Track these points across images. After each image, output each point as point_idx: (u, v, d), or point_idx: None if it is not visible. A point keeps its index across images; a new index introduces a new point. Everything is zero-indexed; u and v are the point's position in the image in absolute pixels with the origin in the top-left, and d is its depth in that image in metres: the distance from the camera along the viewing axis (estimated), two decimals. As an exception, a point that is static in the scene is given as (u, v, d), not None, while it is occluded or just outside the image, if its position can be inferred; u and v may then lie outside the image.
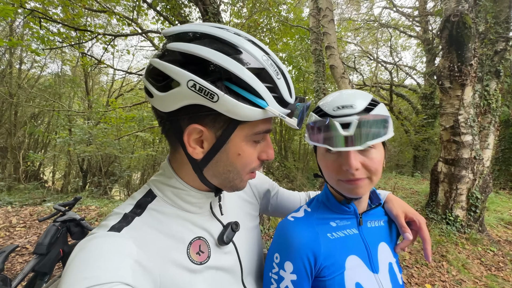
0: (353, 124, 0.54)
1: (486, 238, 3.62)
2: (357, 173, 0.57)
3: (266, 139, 0.54)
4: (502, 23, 3.99)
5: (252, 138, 0.50)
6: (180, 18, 3.62)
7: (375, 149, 0.59)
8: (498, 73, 3.95)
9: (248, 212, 0.73)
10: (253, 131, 0.49)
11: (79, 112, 9.35)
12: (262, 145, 0.53)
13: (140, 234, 0.47)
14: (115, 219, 0.49)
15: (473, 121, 3.53)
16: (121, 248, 0.43)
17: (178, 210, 0.55)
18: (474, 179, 3.60)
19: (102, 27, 4.84)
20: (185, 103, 0.44)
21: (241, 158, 0.50)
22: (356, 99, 0.57)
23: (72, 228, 1.86)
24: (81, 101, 11.68)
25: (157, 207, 0.53)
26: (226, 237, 0.57)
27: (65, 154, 10.34)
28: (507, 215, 4.81)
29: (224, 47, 0.43)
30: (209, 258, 0.54)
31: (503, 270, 3.05)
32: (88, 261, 0.39)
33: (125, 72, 7.76)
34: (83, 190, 8.54)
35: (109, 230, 0.46)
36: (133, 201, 0.54)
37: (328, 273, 0.60)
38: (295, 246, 0.60)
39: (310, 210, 0.69)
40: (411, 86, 13.11)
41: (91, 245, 0.42)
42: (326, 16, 4.90)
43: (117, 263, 0.40)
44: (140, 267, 0.42)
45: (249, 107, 0.43)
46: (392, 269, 0.66)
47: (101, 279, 0.36)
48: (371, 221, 0.70)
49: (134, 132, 8.63)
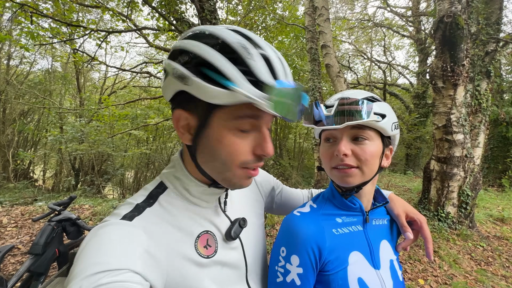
0: (334, 106, 0.60)
1: (476, 234, 3.73)
2: (346, 159, 0.60)
3: (260, 131, 0.50)
4: (493, 25, 4.09)
5: (235, 125, 0.47)
6: (176, 15, 3.57)
7: (368, 141, 0.61)
8: (489, 74, 4.05)
9: (254, 210, 0.74)
10: (232, 116, 0.47)
11: (71, 110, 9.15)
12: (256, 138, 0.50)
13: (150, 225, 0.48)
14: (127, 209, 0.50)
15: (465, 120, 3.62)
16: (132, 236, 0.44)
17: (187, 203, 0.56)
18: (465, 176, 3.70)
19: (95, 23, 4.74)
20: (174, 90, 0.48)
21: (224, 146, 0.48)
22: (354, 94, 0.63)
23: (68, 228, 1.83)
24: (72, 99, 11.44)
25: (167, 198, 0.55)
26: (233, 233, 0.58)
27: (56, 152, 10.13)
28: (495, 211, 4.96)
29: (206, 39, 0.46)
30: (216, 252, 0.55)
31: (492, 264, 3.15)
32: (100, 247, 0.40)
33: (118, 69, 7.62)
34: (76, 189, 8.40)
35: (121, 219, 0.47)
36: (145, 192, 0.55)
37: (332, 267, 0.61)
38: (301, 239, 0.61)
39: (316, 206, 0.70)
40: (404, 85, 13.32)
41: (103, 232, 0.43)
42: (322, 15, 4.92)
43: (128, 251, 0.41)
44: (149, 256, 0.43)
45: (215, 88, 0.43)
46: (393, 266, 0.68)
47: (112, 265, 0.38)
48: (376, 219, 0.72)
49: (127, 130, 8.50)
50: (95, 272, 0.36)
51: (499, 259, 3.27)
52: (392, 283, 0.64)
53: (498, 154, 7.52)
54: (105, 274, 0.36)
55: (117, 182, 10.70)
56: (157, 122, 7.80)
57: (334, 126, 0.60)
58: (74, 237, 1.85)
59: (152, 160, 10.49)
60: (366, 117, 0.59)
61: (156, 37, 4.92)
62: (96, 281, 0.36)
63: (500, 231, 4.10)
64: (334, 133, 0.64)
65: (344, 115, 0.59)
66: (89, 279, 0.36)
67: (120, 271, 0.38)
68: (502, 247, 3.58)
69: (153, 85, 11.05)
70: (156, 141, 10.81)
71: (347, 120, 0.59)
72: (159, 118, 8.41)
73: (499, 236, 3.90)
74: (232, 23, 7.16)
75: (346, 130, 0.62)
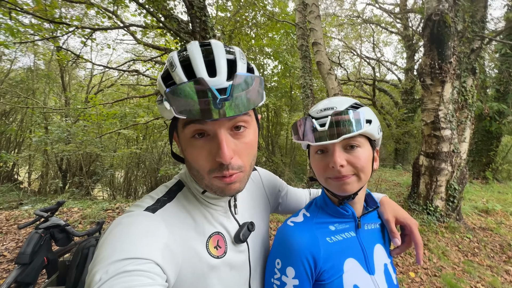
0: (328, 121, 0.60)
1: (463, 226, 3.87)
2: (342, 170, 0.60)
3: (214, 136, 0.47)
4: (478, 22, 4.19)
5: (187, 134, 0.48)
6: (164, 12, 3.48)
7: (360, 148, 0.62)
8: (474, 70, 4.17)
9: (261, 213, 0.74)
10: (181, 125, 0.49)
11: (56, 109, 8.83)
12: (212, 144, 0.48)
13: (170, 219, 0.51)
14: (149, 202, 0.53)
15: (452, 116, 3.72)
16: (155, 229, 0.46)
17: (199, 203, 0.58)
18: (453, 171, 3.81)
19: (79, 20, 4.56)
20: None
21: (188, 155, 0.50)
22: (339, 103, 0.63)
23: (56, 235, 1.76)
24: (57, 98, 11.04)
25: (184, 196, 0.58)
26: (242, 236, 0.59)
27: (41, 153, 9.78)
28: (480, 203, 5.15)
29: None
30: (225, 253, 0.56)
31: (478, 255, 3.28)
32: (126, 235, 0.42)
33: (105, 67, 7.40)
34: (63, 191, 8.15)
35: (144, 210, 0.50)
36: (165, 188, 0.59)
37: (328, 276, 0.61)
38: (296, 250, 0.61)
39: (309, 215, 0.70)
40: (393, 81, 13.55)
41: (129, 221, 0.45)
42: (313, 12, 4.91)
43: (151, 243, 0.43)
44: (168, 250, 0.45)
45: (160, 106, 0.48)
46: (387, 269, 0.69)
47: (138, 254, 0.39)
48: (368, 224, 0.72)
49: (116, 130, 8.30)
50: (121, 258, 0.38)
51: (485, 250, 3.40)
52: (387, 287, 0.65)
53: (482, 148, 7.80)
54: (130, 262, 0.38)
55: (107, 183, 10.46)
56: (146, 121, 7.65)
57: (332, 141, 0.59)
58: (63, 244, 1.79)
59: (142, 160, 10.30)
60: (361, 127, 0.60)
61: (144, 34, 4.80)
62: (122, 267, 0.37)
63: (485, 222, 4.26)
64: (326, 144, 0.63)
65: (338, 128, 0.59)
66: (116, 265, 0.37)
67: (144, 261, 0.39)
68: (487, 238, 3.72)
69: (142, 83, 10.80)
70: (146, 140, 10.61)
71: (343, 132, 0.59)
72: (149, 117, 8.25)
73: (484, 227, 4.05)
74: (222, 19, 7.05)
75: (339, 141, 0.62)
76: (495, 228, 4.01)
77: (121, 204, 4.79)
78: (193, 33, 3.59)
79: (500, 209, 4.83)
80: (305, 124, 0.64)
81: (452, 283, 2.66)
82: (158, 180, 9.80)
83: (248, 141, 0.52)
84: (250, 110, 0.52)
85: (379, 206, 0.72)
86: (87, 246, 1.50)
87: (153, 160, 10.25)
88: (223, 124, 0.47)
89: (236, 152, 0.49)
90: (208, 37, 3.55)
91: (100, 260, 0.38)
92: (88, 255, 1.46)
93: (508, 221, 4.40)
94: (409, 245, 0.73)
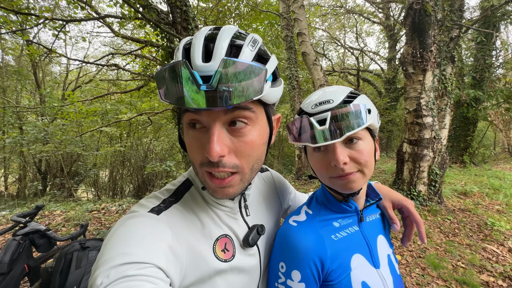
0: (327, 119, 0.55)
1: (444, 209, 4.06)
2: (346, 167, 0.56)
3: (207, 130, 0.44)
4: (456, 11, 4.31)
5: (185, 122, 0.47)
6: (142, 1, 3.30)
7: (362, 141, 0.58)
8: (453, 59, 4.30)
9: (273, 216, 0.72)
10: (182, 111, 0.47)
11: (30, 108, 8.34)
12: (205, 138, 0.44)
13: (175, 221, 0.49)
14: (154, 202, 0.51)
15: (433, 104, 3.84)
16: (159, 231, 0.45)
17: (207, 204, 0.56)
18: (434, 157, 3.96)
19: (49, 11, 4.25)
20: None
21: (186, 144, 0.49)
22: (335, 94, 0.58)
23: (37, 240, 1.67)
24: (31, 95, 10.41)
25: (191, 197, 0.56)
26: (251, 240, 0.57)
27: (17, 155, 9.25)
28: (459, 186, 5.43)
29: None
30: (233, 257, 0.54)
31: (458, 235, 3.47)
32: (128, 238, 0.41)
33: (81, 61, 7.00)
34: (44, 193, 7.79)
35: (149, 211, 0.48)
36: (172, 187, 0.57)
37: (336, 276, 0.59)
38: (301, 253, 0.57)
39: (312, 212, 0.67)
40: (376, 71, 13.81)
41: (132, 223, 0.44)
42: (297, 1, 4.85)
43: (154, 246, 0.42)
44: (172, 253, 0.43)
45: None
46: (391, 260, 0.68)
47: (139, 258, 0.38)
48: (369, 215, 0.71)
49: (98, 128, 7.97)
50: (122, 262, 0.37)
51: (464, 230, 3.60)
52: (392, 279, 0.64)
53: (460, 133, 8.17)
54: (131, 266, 0.37)
55: (90, 183, 10.11)
56: (130, 117, 7.39)
57: (334, 140, 0.54)
58: (45, 250, 1.70)
59: (127, 157, 10.00)
60: (364, 120, 0.55)
61: (121, 26, 4.56)
62: (123, 271, 0.36)
63: (463, 204, 4.50)
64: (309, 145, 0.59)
65: (340, 124, 0.54)
66: (117, 269, 0.36)
67: (146, 265, 0.38)
68: (466, 218, 3.94)
69: (123, 78, 10.36)
70: (130, 137, 10.27)
71: (345, 129, 0.54)
72: (132, 113, 7.97)
73: (463, 208, 4.28)
74: (204, 10, 6.83)
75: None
76: (473, 209, 4.24)
77: (107, 205, 4.64)
78: (174, 24, 3.45)
79: (477, 191, 5.11)
80: (301, 123, 0.58)
81: (435, 263, 2.80)
82: (145, 178, 9.59)
83: (249, 140, 0.46)
84: (257, 106, 0.47)
85: (381, 198, 0.70)
86: (70, 251, 1.43)
87: (139, 158, 9.99)
88: (217, 117, 0.43)
89: (231, 149, 0.45)
90: (190, 28, 3.42)
91: (102, 263, 0.38)
92: (72, 260, 1.39)
93: (484, 202, 4.67)
94: (412, 227, 0.72)
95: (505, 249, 3.12)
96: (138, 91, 7.40)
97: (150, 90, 7.22)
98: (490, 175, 6.52)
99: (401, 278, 0.70)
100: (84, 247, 1.47)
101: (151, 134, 10.39)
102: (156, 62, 6.33)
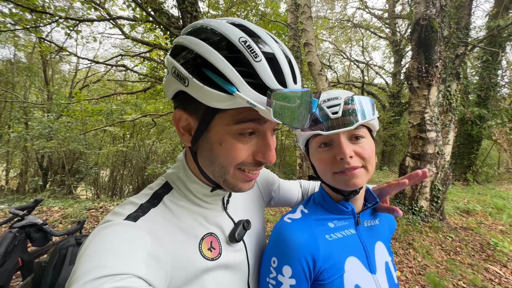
0: (340, 106, 0.57)
1: (446, 226, 3.99)
2: (351, 161, 0.58)
3: (264, 136, 0.48)
4: (462, 29, 4.35)
5: (237, 130, 0.45)
6: (154, 5, 3.39)
7: (365, 139, 0.61)
8: (458, 75, 4.31)
9: (256, 211, 0.73)
10: (234, 120, 0.45)
11: (37, 104, 8.44)
12: (259, 143, 0.48)
13: (155, 226, 0.47)
14: (131, 208, 0.49)
15: (437, 119, 3.83)
16: (137, 239, 0.43)
17: (191, 204, 0.56)
18: (437, 172, 3.92)
19: (64, 11, 4.37)
20: (174, 89, 0.47)
21: (223, 149, 0.47)
22: (337, 94, 0.61)
23: (33, 234, 1.66)
24: (39, 92, 10.57)
25: (172, 199, 0.54)
26: (237, 235, 0.57)
27: (20, 150, 9.32)
28: (462, 204, 5.34)
29: (207, 35, 0.44)
30: (220, 255, 0.54)
31: (460, 254, 3.38)
32: (103, 250, 0.39)
33: (90, 61, 7.14)
34: (44, 189, 7.79)
35: (125, 219, 0.46)
36: (149, 191, 0.54)
37: (328, 276, 0.59)
38: (294, 249, 0.58)
39: (307, 212, 0.68)
40: (380, 84, 13.89)
41: (106, 232, 0.42)
42: (305, 12, 4.93)
43: (132, 255, 0.40)
44: (154, 259, 0.42)
45: (214, 91, 0.41)
46: (389, 268, 0.67)
47: (115, 270, 0.36)
48: (368, 220, 0.70)
49: (102, 127, 8.03)
50: (97, 276, 0.35)
51: (466, 249, 3.51)
52: (388, 287, 0.63)
53: (464, 151, 8.11)
54: (108, 279, 0.35)
55: (90, 182, 10.11)
56: (134, 118, 7.45)
57: (347, 128, 0.57)
58: (40, 244, 1.69)
59: (129, 158, 10.02)
60: (373, 114, 0.59)
61: (132, 28, 4.65)
62: (99, 285, 0.34)
63: (466, 222, 4.42)
64: (331, 136, 0.60)
65: (351, 114, 0.57)
66: (92, 284, 0.34)
67: (123, 276, 0.36)
68: (468, 237, 3.85)
69: (130, 79, 10.51)
70: (133, 138, 10.33)
71: (357, 118, 0.57)
72: (137, 114, 8.04)
73: (465, 227, 4.20)
74: (213, 17, 6.98)
75: (344, 131, 0.59)
76: (475, 227, 4.15)
77: (105, 204, 4.63)
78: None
79: (480, 210, 5.02)
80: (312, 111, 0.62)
81: (435, 281, 2.72)
82: (145, 179, 9.57)
83: (275, 141, 0.53)
84: None
85: (378, 201, 0.70)
86: (65, 246, 1.42)
87: (140, 159, 10.00)
88: (272, 126, 0.49)
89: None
90: (199, 33, 3.49)
91: (76, 279, 0.35)
92: (66, 256, 1.38)
93: (487, 221, 4.58)
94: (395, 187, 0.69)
95: (508, 271, 3.03)
96: (144, 92, 7.49)
97: (156, 92, 7.30)
98: (493, 195, 6.41)
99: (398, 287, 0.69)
100: (79, 243, 1.45)
101: (154, 136, 10.44)
102: (163, 65, 6.43)
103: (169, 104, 8.61)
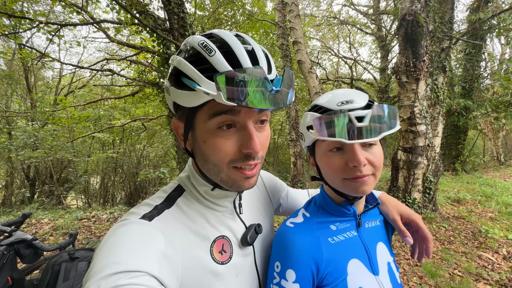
0: (367, 116, 0.54)
1: (439, 216, 4.08)
2: (364, 169, 0.57)
3: (245, 127, 0.48)
4: (446, 23, 4.45)
5: (213, 124, 0.47)
6: (139, 7, 3.30)
7: (376, 145, 0.59)
8: (444, 68, 4.42)
9: (266, 215, 0.73)
10: (208, 115, 0.47)
11: (20, 113, 8.15)
12: (241, 136, 0.48)
13: (168, 227, 0.49)
14: (146, 209, 0.50)
15: (426, 112, 3.90)
16: (151, 238, 0.44)
17: (203, 207, 0.57)
18: (428, 164, 4.00)
19: (44, 15, 4.20)
20: (169, 102, 0.53)
21: (207, 146, 0.48)
22: (355, 96, 0.59)
23: (22, 251, 1.58)
24: (22, 100, 10.19)
25: (185, 201, 0.56)
26: (250, 238, 0.58)
27: (4, 161, 8.97)
28: (452, 193, 5.49)
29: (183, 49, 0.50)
30: (231, 258, 0.55)
31: (454, 243, 3.47)
32: (119, 246, 0.40)
33: (75, 66, 6.93)
34: (32, 201, 7.52)
35: (140, 218, 0.48)
36: (163, 194, 0.56)
37: (331, 280, 0.58)
38: (297, 253, 0.57)
39: (309, 215, 0.67)
40: (368, 80, 14.10)
41: (123, 230, 0.44)
42: (292, 11, 4.93)
43: (147, 253, 0.41)
44: (166, 259, 0.43)
45: (185, 92, 0.45)
46: (391, 268, 0.66)
47: (131, 266, 0.37)
48: (369, 221, 0.70)
49: (90, 133, 7.83)
50: (113, 272, 0.36)
51: (459, 237, 3.61)
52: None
53: (452, 142, 8.33)
54: (123, 275, 0.36)
55: (81, 190, 9.84)
56: (123, 123, 7.29)
57: (372, 138, 0.54)
58: (31, 261, 1.61)
59: (120, 164, 9.80)
60: (396, 124, 0.57)
61: (117, 31, 4.54)
62: (115, 281, 0.35)
63: (457, 211, 4.54)
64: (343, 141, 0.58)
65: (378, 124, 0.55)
66: (108, 279, 0.36)
67: (137, 273, 0.37)
68: (460, 226, 3.96)
69: (117, 84, 10.27)
70: (123, 143, 10.11)
71: (383, 129, 0.55)
72: (126, 119, 7.87)
73: (457, 216, 4.31)
74: (200, 17, 6.90)
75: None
76: (466, 216, 4.27)
77: (98, 212, 4.50)
78: (171, 30, 3.45)
79: (470, 198, 5.17)
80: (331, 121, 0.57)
81: (432, 271, 2.78)
82: (137, 185, 9.39)
83: (267, 134, 0.53)
84: None
85: (379, 203, 0.70)
86: (58, 262, 1.36)
87: (132, 164, 9.80)
88: (252, 116, 0.48)
89: (259, 144, 0.50)
90: (186, 34, 3.43)
91: (93, 274, 0.37)
92: (60, 272, 1.32)
93: (477, 209, 4.72)
94: (423, 242, 0.70)
95: (500, 256, 3.13)
96: (133, 96, 7.34)
97: (145, 96, 7.16)
98: (481, 183, 6.62)
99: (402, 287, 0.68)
100: (73, 258, 1.40)
101: (145, 140, 10.26)
102: (151, 68, 6.30)
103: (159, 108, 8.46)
